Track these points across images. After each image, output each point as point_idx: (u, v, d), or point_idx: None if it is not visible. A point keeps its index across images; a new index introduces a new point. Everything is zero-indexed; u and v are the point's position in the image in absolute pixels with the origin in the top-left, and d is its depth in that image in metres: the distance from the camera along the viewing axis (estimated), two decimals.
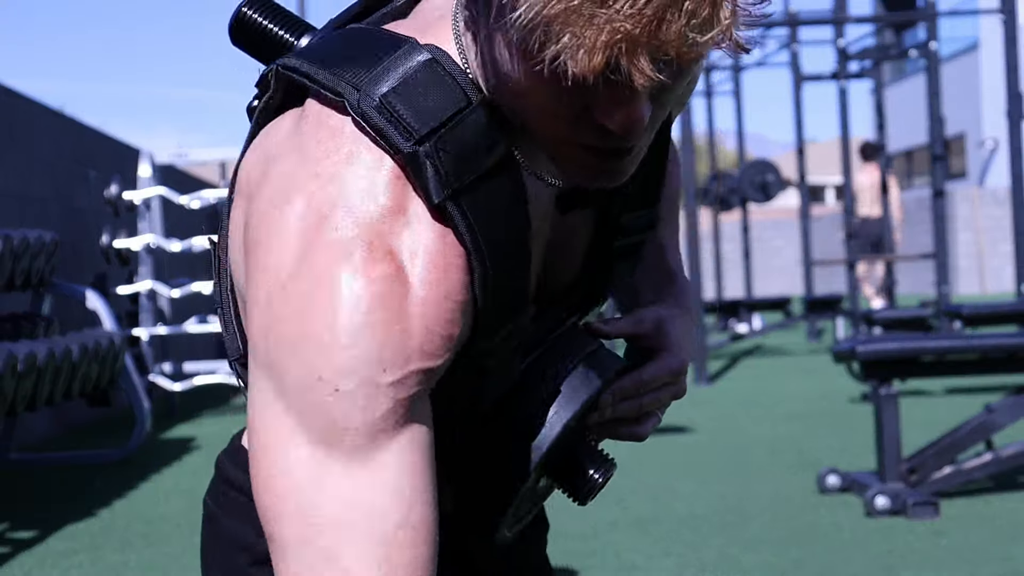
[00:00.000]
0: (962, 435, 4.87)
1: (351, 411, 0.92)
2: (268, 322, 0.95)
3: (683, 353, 1.19)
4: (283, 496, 0.93)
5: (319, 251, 0.94)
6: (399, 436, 0.94)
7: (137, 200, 8.36)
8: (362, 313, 0.92)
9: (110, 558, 4.41)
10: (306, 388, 0.93)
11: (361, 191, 0.95)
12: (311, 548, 0.93)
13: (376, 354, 0.92)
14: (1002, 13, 9.06)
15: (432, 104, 0.97)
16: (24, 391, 5.22)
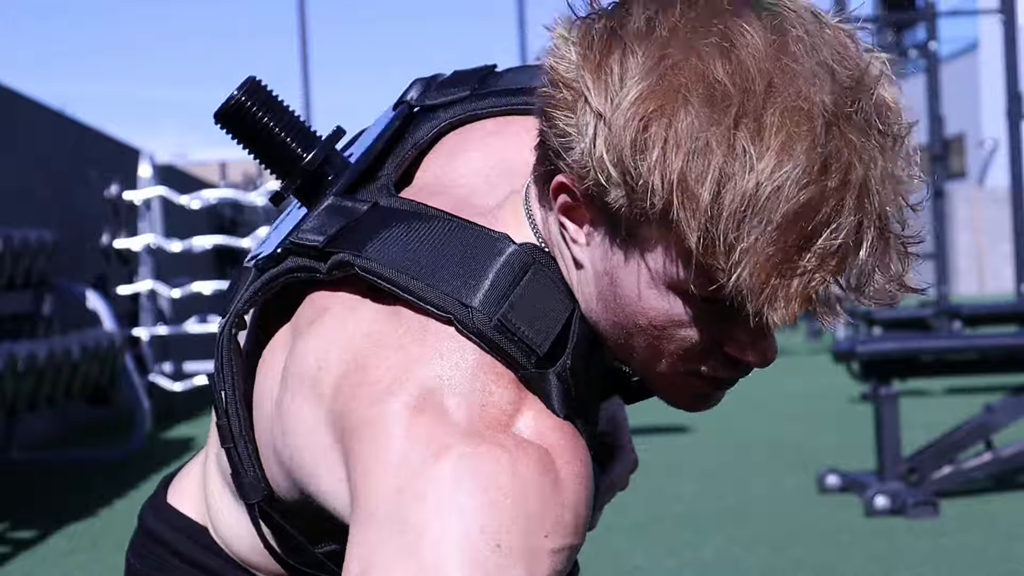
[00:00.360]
0: (962, 435, 4.87)
1: (508, 570, 0.87)
2: (401, 500, 0.89)
3: (633, 449, 1.24)
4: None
5: (458, 439, 0.89)
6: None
7: (137, 200, 8.36)
8: (522, 485, 0.89)
9: (110, 558, 4.40)
10: (457, 545, 0.87)
11: (482, 388, 0.92)
12: None
13: (539, 520, 0.89)
14: (1001, 13, 9.06)
15: (546, 316, 0.95)
16: (24, 391, 5.23)
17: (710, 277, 0.89)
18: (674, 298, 0.92)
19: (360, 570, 0.89)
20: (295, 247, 1.02)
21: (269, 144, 1.07)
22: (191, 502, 1.20)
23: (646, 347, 0.96)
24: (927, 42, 11.17)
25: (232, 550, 1.17)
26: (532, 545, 0.88)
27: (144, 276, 8.35)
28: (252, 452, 1.06)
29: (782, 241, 0.86)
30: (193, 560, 1.19)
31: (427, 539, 0.87)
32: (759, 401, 8.33)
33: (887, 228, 0.90)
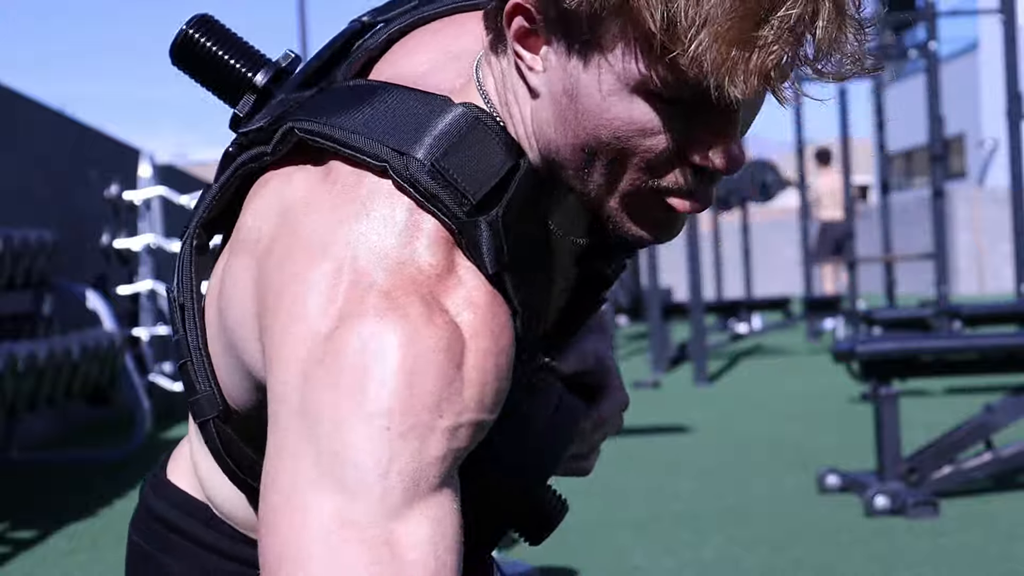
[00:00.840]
0: (962, 435, 4.87)
1: (401, 451, 0.88)
2: (306, 369, 0.90)
3: (623, 388, 1.23)
4: (304, 545, 0.87)
5: (369, 306, 0.91)
6: (440, 493, 0.90)
7: (137, 200, 8.36)
8: (420, 361, 0.89)
9: (111, 557, 4.40)
10: (350, 428, 0.88)
11: (407, 249, 0.93)
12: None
13: (434, 398, 0.89)
14: (1001, 13, 9.06)
15: (484, 168, 0.96)
16: (24, 391, 5.23)
17: (672, 66, 0.89)
18: (638, 101, 0.93)
19: (273, 453, 0.91)
20: (243, 141, 1.04)
21: (222, 72, 1.08)
22: (187, 477, 1.20)
23: (608, 166, 0.95)
24: (927, 42, 11.16)
25: (234, 520, 1.16)
26: (425, 423, 0.89)
27: (144, 276, 8.34)
28: (207, 366, 1.06)
29: (740, 12, 0.87)
30: (195, 537, 1.19)
31: (324, 422, 0.88)
32: (759, 401, 8.33)
33: (844, 5, 0.91)
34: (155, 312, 8.41)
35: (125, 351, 6.67)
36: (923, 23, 11.76)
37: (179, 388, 8.31)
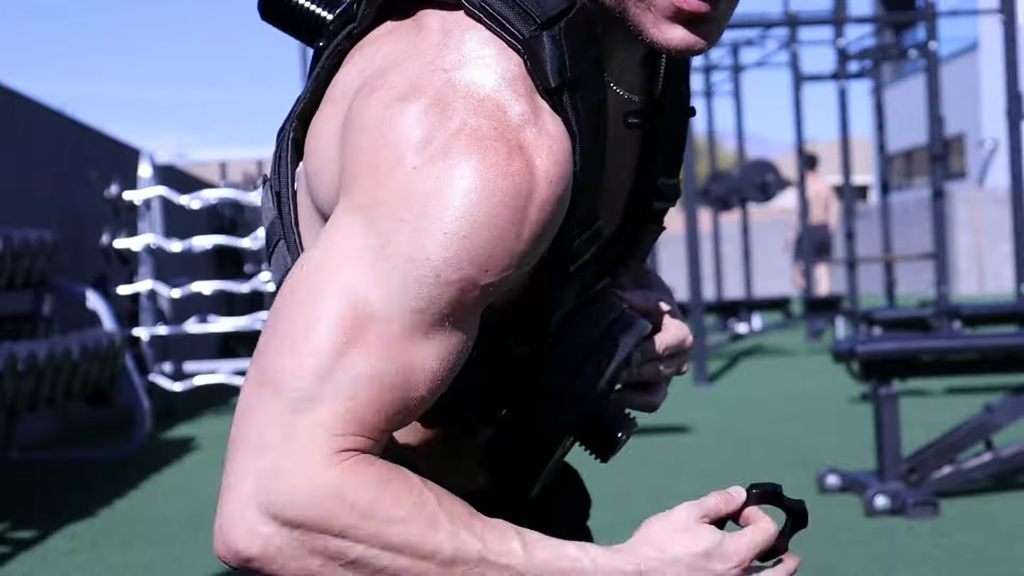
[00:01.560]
0: (962, 435, 4.87)
1: (438, 298, 0.94)
2: (379, 197, 0.95)
3: (687, 330, 1.24)
4: (333, 291, 0.95)
5: (455, 142, 0.94)
6: (456, 335, 0.97)
7: (137, 200, 8.36)
8: (485, 214, 0.93)
9: (110, 558, 4.41)
10: (407, 259, 0.94)
11: (497, 93, 0.97)
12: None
13: (486, 254, 0.94)
14: (1001, 13, 9.06)
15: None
16: (24, 391, 5.23)
17: None
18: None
19: (325, 235, 0.98)
20: (333, 28, 1.09)
21: (310, 22, 1.14)
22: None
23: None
24: (927, 42, 11.17)
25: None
26: (469, 278, 0.94)
27: (144, 276, 8.35)
28: (298, 244, 1.11)
29: None
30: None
31: (389, 249, 0.94)
32: (759, 401, 8.33)
33: None
34: (155, 312, 8.41)
35: (125, 351, 6.67)
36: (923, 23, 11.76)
37: (179, 388, 8.32)
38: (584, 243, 1.05)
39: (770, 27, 12.90)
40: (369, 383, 0.94)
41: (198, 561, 4.33)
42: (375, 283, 0.94)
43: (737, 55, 14.99)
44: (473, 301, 0.96)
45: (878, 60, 12.87)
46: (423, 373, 0.96)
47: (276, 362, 0.96)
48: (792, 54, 13.70)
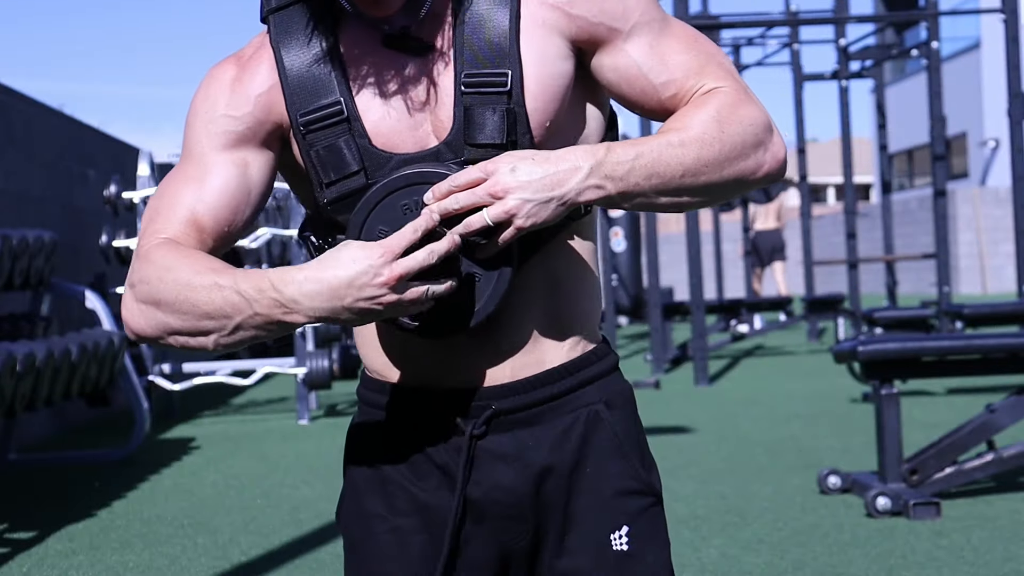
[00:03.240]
0: (963, 435, 4.85)
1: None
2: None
3: (494, 161, 1.38)
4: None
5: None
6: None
7: (136, 199, 8.34)
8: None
9: (109, 559, 4.39)
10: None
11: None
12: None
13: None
14: (1003, 12, 9.04)
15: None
16: (23, 391, 5.21)
17: None
18: None
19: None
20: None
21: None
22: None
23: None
24: (928, 41, 11.14)
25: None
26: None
27: None
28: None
29: None
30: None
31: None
32: (760, 402, 8.31)
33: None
34: None
35: (124, 351, 6.65)
36: (924, 22, 11.74)
37: (178, 388, 8.30)
38: (315, 119, 1.44)
39: (771, 26, 12.88)
40: None
41: (197, 561, 4.31)
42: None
43: (738, 54, 14.98)
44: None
45: (879, 59, 12.85)
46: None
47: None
48: (793, 53, 13.68)
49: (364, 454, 1.55)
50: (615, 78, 1.47)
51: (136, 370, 7.71)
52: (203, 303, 1.38)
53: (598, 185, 1.38)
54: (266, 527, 4.82)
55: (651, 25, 1.46)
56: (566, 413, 1.50)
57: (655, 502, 1.54)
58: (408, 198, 1.40)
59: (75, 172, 8.70)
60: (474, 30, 1.43)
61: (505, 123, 1.41)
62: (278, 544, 4.53)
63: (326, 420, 8.29)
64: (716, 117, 1.42)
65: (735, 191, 1.46)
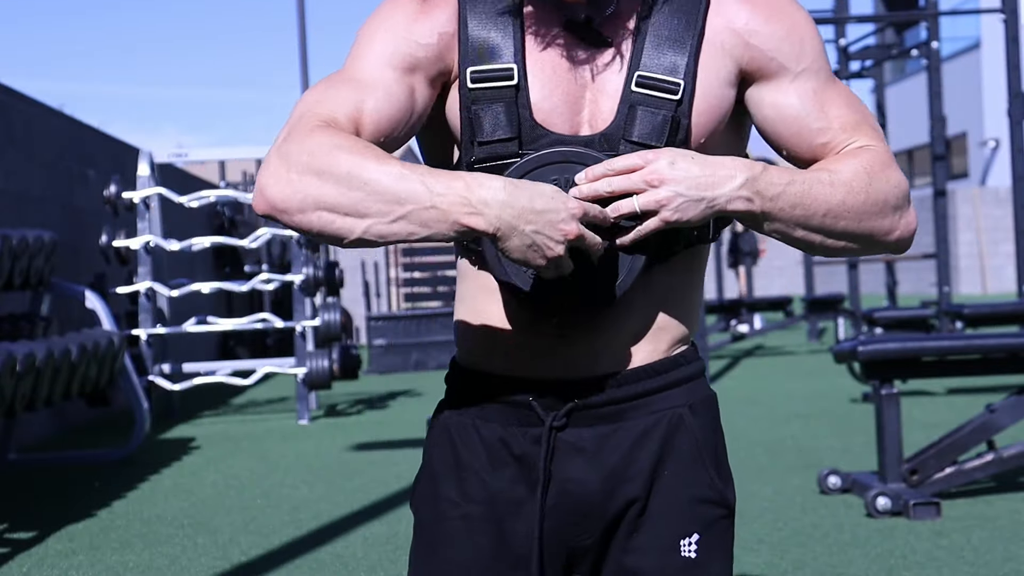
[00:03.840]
0: (963, 435, 4.85)
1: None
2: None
3: (655, 152, 1.40)
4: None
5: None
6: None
7: (136, 200, 8.35)
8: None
9: (109, 559, 4.39)
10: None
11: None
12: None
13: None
14: (1003, 12, 9.03)
15: None
16: (23, 391, 5.21)
17: None
18: None
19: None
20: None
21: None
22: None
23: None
24: (928, 41, 11.14)
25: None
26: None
27: (143, 276, 8.33)
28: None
29: None
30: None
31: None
32: (760, 402, 8.31)
33: None
34: (154, 312, 8.39)
35: (124, 351, 6.65)
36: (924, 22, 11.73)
37: (178, 388, 8.30)
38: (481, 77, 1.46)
39: None
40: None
41: (197, 561, 4.31)
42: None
43: None
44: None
45: (879, 59, 12.84)
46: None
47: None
48: None
49: (444, 436, 1.57)
50: (773, 114, 1.51)
51: (136, 370, 7.71)
52: (378, 182, 1.34)
53: (748, 198, 1.41)
54: (266, 527, 4.82)
55: (819, 74, 1.51)
56: (649, 413, 1.51)
57: (727, 514, 1.54)
58: (559, 174, 1.42)
59: (75, 172, 8.70)
60: (656, 37, 1.47)
61: (667, 128, 1.45)
62: (278, 544, 4.53)
63: (326, 420, 8.29)
64: (867, 170, 1.46)
65: (863, 248, 1.49)
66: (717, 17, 1.49)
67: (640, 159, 1.40)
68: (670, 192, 1.38)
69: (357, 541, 4.50)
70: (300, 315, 8.54)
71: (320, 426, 7.97)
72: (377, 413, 8.60)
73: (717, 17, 1.49)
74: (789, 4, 1.52)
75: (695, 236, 1.50)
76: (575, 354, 1.49)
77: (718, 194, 1.39)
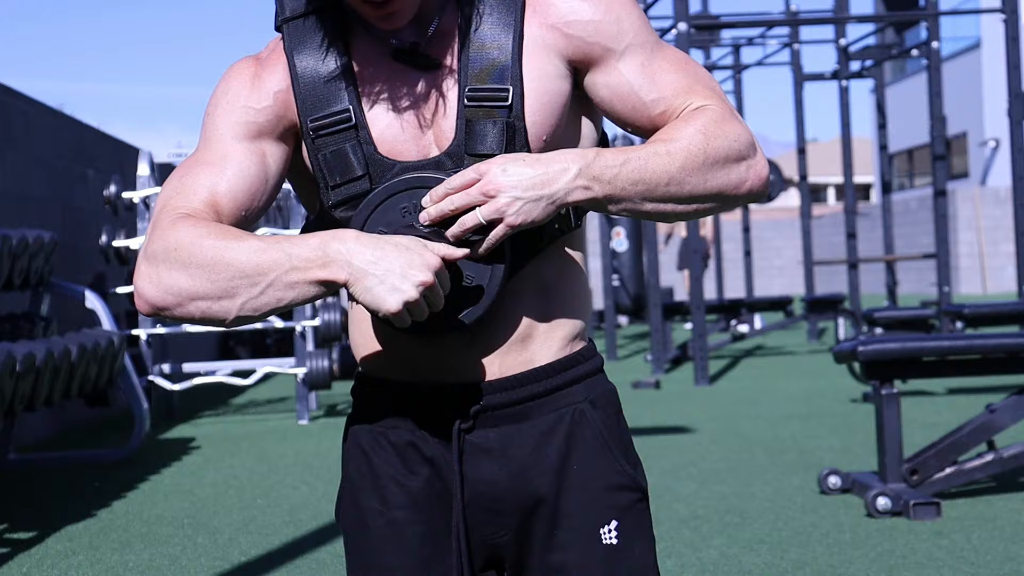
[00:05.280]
0: (963, 435, 4.85)
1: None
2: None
3: (487, 163, 1.44)
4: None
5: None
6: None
7: (136, 199, 8.34)
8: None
9: (109, 559, 4.39)
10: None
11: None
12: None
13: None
14: (1003, 12, 9.03)
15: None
16: (23, 391, 5.20)
17: None
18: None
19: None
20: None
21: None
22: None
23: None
24: (928, 41, 11.14)
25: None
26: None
27: None
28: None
29: None
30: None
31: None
32: (760, 401, 8.31)
33: None
34: None
35: (123, 351, 6.64)
36: (924, 22, 11.73)
37: (178, 388, 8.30)
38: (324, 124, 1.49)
39: (771, 26, 12.87)
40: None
41: (197, 561, 4.31)
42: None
43: (738, 54, 14.98)
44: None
45: (879, 59, 12.85)
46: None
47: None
48: (793, 53, 13.68)
49: (357, 450, 1.60)
50: (608, 95, 1.54)
51: (136, 370, 7.71)
52: (241, 262, 1.40)
53: (586, 186, 1.44)
54: (266, 527, 4.82)
55: (643, 46, 1.54)
56: (552, 411, 1.55)
57: (642, 498, 1.58)
58: (408, 201, 1.46)
59: (75, 172, 8.70)
60: (479, 49, 1.50)
61: (504, 136, 1.48)
62: (278, 544, 4.53)
63: (326, 420, 8.29)
64: (702, 130, 1.48)
65: (719, 205, 1.51)
66: (533, 16, 1.51)
67: (475, 172, 1.43)
68: (508, 198, 1.41)
69: None
70: (300, 315, 8.54)
71: (320, 426, 7.97)
72: None
73: (533, 16, 1.51)
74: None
75: (556, 229, 1.53)
76: (473, 358, 1.53)
77: (556, 189, 1.43)
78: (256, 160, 1.52)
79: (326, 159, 1.50)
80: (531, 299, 1.54)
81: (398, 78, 1.51)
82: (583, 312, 1.60)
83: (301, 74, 1.51)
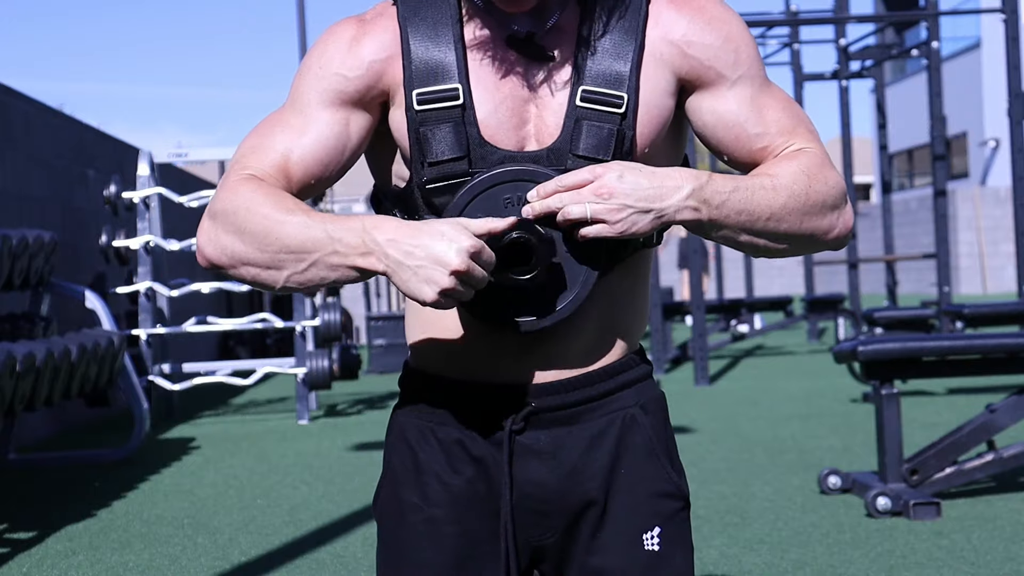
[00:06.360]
0: (963, 435, 4.85)
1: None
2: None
3: (603, 166, 1.44)
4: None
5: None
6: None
7: (136, 200, 8.34)
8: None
9: (109, 559, 4.39)
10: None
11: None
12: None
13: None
14: (1003, 12, 9.03)
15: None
16: (23, 391, 5.20)
17: None
18: None
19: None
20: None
21: None
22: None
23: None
24: (928, 41, 11.14)
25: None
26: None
27: (143, 276, 8.33)
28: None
29: None
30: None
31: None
32: (760, 401, 8.31)
33: None
34: (154, 312, 8.39)
35: (124, 351, 6.64)
36: (924, 22, 11.73)
37: (178, 388, 8.30)
38: (428, 98, 1.48)
39: (771, 26, 12.87)
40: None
41: (196, 561, 4.31)
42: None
43: None
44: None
45: (879, 59, 12.84)
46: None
47: None
48: (793, 53, 13.68)
49: (403, 443, 1.60)
50: (712, 120, 1.55)
51: (136, 370, 7.71)
52: (288, 237, 1.43)
53: (695, 207, 1.45)
54: (266, 527, 4.82)
55: (754, 80, 1.55)
56: (603, 415, 1.56)
57: (684, 506, 1.58)
58: (512, 192, 1.47)
59: (75, 172, 8.70)
60: (599, 51, 1.50)
61: (613, 141, 1.48)
62: (278, 544, 4.53)
63: (326, 420, 8.29)
64: (806, 172, 1.51)
65: (805, 247, 1.54)
66: (655, 28, 1.52)
67: (589, 174, 1.44)
68: (618, 204, 1.42)
69: (357, 541, 4.50)
70: (300, 315, 8.54)
71: (320, 426, 7.97)
72: (377, 413, 8.59)
73: (655, 28, 1.52)
74: (724, 12, 1.55)
75: (640, 242, 1.53)
76: (530, 359, 1.53)
77: (666, 205, 1.44)
78: (338, 130, 1.52)
79: (426, 134, 1.49)
80: (600, 308, 1.54)
81: (511, 65, 1.50)
82: (642, 325, 1.61)
83: (414, 48, 1.50)
